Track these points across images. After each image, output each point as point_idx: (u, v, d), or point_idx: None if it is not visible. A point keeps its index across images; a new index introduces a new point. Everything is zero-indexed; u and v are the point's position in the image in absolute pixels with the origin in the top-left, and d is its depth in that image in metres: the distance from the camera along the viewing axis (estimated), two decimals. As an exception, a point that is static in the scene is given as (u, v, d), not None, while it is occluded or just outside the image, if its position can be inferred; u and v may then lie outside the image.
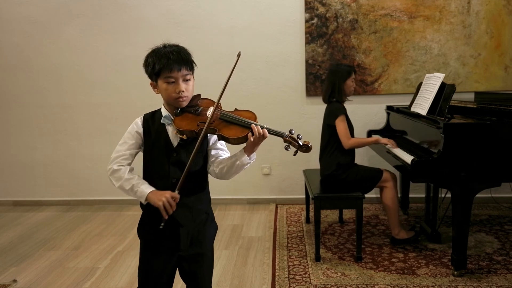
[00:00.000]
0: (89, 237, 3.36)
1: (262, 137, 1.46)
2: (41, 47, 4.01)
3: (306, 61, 3.82)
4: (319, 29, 3.76)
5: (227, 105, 1.64)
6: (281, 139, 1.50)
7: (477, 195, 2.46)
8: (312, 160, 3.82)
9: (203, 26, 3.86)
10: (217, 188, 4.09)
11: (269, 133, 1.47)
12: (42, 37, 3.99)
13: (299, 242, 3.11)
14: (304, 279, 2.55)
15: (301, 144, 1.48)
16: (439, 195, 3.03)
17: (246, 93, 3.89)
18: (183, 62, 1.51)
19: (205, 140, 1.58)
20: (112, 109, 4.01)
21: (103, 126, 4.06)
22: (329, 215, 3.64)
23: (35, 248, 3.18)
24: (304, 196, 3.65)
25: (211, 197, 1.69)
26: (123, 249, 3.10)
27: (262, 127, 1.47)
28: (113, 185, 1.55)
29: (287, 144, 1.49)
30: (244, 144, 1.52)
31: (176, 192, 1.46)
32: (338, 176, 2.93)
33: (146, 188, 1.50)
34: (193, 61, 1.56)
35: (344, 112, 2.93)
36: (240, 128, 1.51)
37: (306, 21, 3.77)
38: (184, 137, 1.52)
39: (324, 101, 3.10)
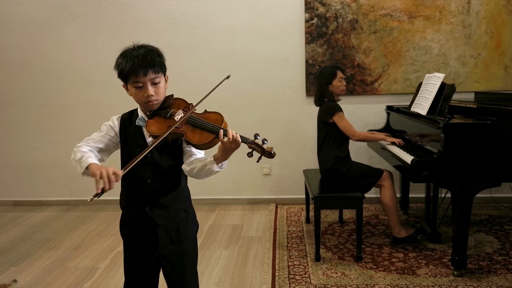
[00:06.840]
0: (89, 237, 3.36)
1: (234, 143, 1.38)
2: (41, 47, 4.01)
3: (306, 61, 3.82)
4: (319, 29, 3.76)
5: (224, 104, 1.60)
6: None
7: (477, 195, 2.47)
8: (312, 160, 3.83)
9: (203, 26, 3.85)
10: (217, 188, 4.15)
11: None
12: (42, 37, 3.99)
13: (299, 242, 3.11)
14: (304, 279, 2.55)
15: (265, 149, 1.41)
16: (439, 195, 3.03)
17: (246, 93, 3.89)
18: (149, 65, 1.47)
19: (178, 139, 1.53)
20: (112, 109, 3.93)
21: (103, 126, 4.05)
22: (329, 215, 3.64)
23: (35, 248, 3.18)
24: (304, 196, 3.65)
25: (212, 197, 1.69)
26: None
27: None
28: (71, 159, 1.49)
29: (251, 150, 1.42)
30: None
31: (122, 171, 1.36)
32: (339, 170, 2.94)
33: (92, 159, 1.43)
34: (162, 63, 1.52)
35: (340, 109, 2.95)
36: (206, 133, 1.44)
37: (306, 21, 3.77)
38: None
39: (316, 104, 3.15)
